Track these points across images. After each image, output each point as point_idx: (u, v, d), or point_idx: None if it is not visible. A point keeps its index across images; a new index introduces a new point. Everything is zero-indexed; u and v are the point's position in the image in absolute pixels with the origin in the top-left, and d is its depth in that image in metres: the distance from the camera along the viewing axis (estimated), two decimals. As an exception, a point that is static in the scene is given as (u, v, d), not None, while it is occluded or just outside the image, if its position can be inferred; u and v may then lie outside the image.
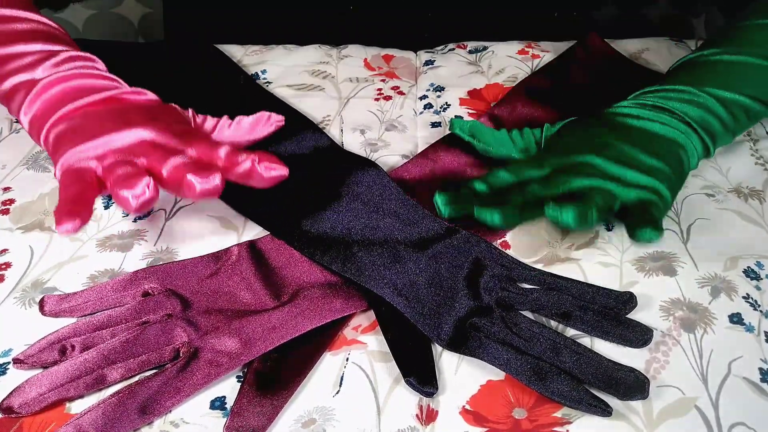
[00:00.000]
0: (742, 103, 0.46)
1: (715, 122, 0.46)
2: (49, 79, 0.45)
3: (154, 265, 0.42)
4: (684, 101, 0.46)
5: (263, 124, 0.50)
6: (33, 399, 0.34)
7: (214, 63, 0.62)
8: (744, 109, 0.46)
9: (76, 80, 0.46)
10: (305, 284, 0.41)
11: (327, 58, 0.63)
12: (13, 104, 0.46)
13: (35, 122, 0.45)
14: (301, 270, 0.42)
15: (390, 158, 0.52)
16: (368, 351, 0.38)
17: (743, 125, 0.47)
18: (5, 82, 0.46)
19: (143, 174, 0.39)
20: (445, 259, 0.42)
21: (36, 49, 0.46)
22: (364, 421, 0.34)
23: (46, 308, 0.39)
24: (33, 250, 0.44)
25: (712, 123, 0.45)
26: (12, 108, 0.47)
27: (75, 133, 0.43)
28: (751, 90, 0.46)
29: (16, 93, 0.46)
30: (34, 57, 0.46)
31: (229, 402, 0.35)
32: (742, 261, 0.42)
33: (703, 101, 0.45)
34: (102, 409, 0.34)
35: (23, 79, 0.45)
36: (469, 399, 0.35)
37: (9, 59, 0.46)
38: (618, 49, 0.63)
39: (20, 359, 0.36)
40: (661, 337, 0.37)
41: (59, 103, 0.44)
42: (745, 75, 0.46)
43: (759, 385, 0.35)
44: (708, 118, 0.45)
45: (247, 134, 0.49)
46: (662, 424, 0.33)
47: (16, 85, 0.45)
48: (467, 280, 0.40)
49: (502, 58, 0.63)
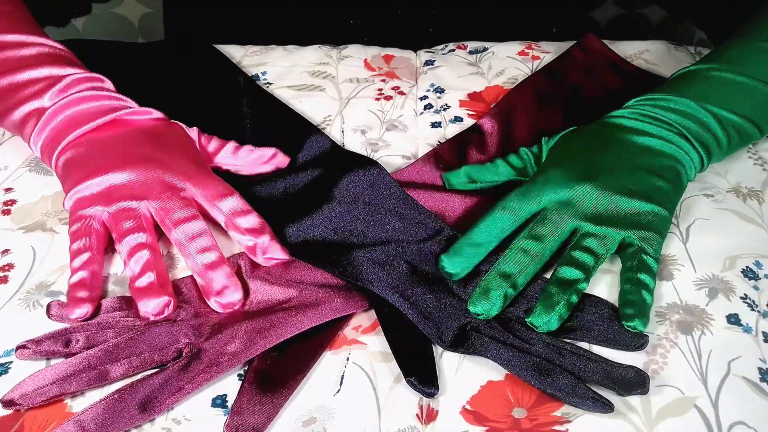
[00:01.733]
0: (737, 124, 0.46)
1: (711, 139, 0.46)
2: (55, 107, 0.46)
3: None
4: (684, 115, 0.46)
5: (266, 161, 0.49)
6: (34, 391, 0.34)
7: (214, 63, 0.62)
8: (737, 130, 0.46)
9: (82, 104, 0.47)
10: (306, 283, 0.41)
11: (327, 59, 0.63)
12: (25, 133, 0.47)
13: (45, 150, 0.46)
14: (301, 269, 0.42)
15: (391, 158, 0.52)
16: (369, 351, 0.38)
17: (734, 146, 0.47)
18: (17, 111, 0.47)
19: (151, 243, 0.41)
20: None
21: (43, 75, 0.47)
22: (364, 420, 0.34)
23: (52, 311, 0.39)
24: (35, 251, 0.44)
25: (708, 140, 0.46)
26: (24, 136, 0.48)
27: (79, 164, 0.44)
28: (747, 111, 0.46)
29: (27, 122, 0.47)
30: (42, 84, 0.47)
31: (230, 400, 0.35)
32: (740, 261, 0.42)
33: (702, 117, 0.45)
34: (103, 405, 0.34)
35: (33, 107, 0.46)
36: (469, 399, 0.35)
37: (19, 88, 0.47)
38: (618, 50, 0.63)
39: (24, 345, 0.36)
40: (658, 340, 0.38)
41: (65, 131, 0.46)
42: (743, 96, 0.46)
43: (758, 384, 0.35)
44: (705, 134, 0.45)
45: (248, 167, 0.49)
46: (661, 423, 0.33)
47: (27, 114, 0.47)
48: (468, 284, 0.41)
49: (502, 59, 0.63)
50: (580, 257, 0.40)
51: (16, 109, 0.47)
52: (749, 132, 0.47)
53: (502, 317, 0.39)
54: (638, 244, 0.41)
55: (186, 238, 0.41)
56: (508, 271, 0.40)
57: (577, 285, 0.39)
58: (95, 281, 0.40)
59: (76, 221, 0.42)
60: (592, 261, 0.40)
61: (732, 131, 0.46)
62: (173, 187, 0.44)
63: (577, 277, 0.39)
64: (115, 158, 0.44)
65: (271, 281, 0.41)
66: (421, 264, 0.42)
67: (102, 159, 0.44)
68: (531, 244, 0.41)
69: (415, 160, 0.51)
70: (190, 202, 0.43)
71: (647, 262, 0.40)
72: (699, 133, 0.45)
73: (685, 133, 0.45)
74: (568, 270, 0.40)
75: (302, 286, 0.41)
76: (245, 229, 0.42)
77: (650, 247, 0.41)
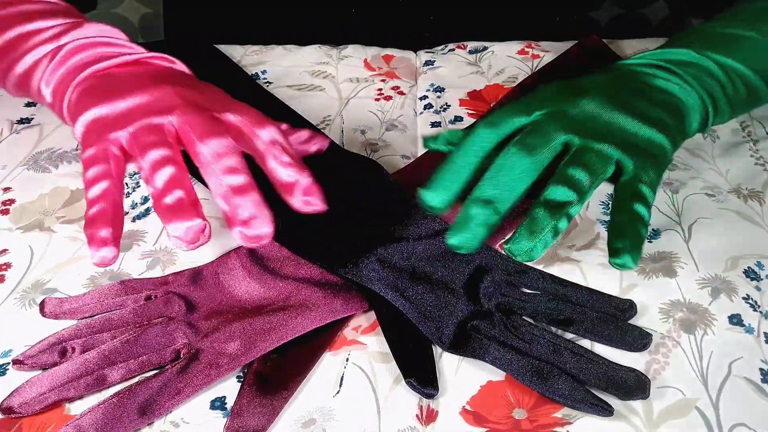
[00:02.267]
0: (743, 73, 0.43)
1: (715, 85, 0.43)
2: (74, 44, 0.42)
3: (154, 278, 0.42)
4: (684, 63, 0.43)
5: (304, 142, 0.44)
6: (33, 399, 0.34)
7: (214, 63, 0.62)
8: (744, 80, 0.44)
9: (104, 47, 0.43)
10: (305, 285, 0.41)
11: (327, 59, 0.63)
12: (33, 80, 0.42)
13: (58, 87, 0.41)
14: (301, 270, 0.42)
15: (391, 158, 0.52)
16: (368, 352, 0.38)
17: (742, 98, 0.44)
18: (25, 58, 0.42)
19: (177, 158, 0.35)
20: (446, 261, 0.42)
21: (58, 23, 0.43)
22: (364, 421, 0.34)
23: (46, 310, 0.39)
24: (33, 251, 0.43)
25: (711, 85, 0.43)
26: (32, 86, 0.43)
27: (98, 91, 0.40)
28: (754, 63, 0.44)
29: (37, 66, 0.42)
30: (57, 29, 0.43)
31: (229, 402, 0.35)
32: (742, 261, 0.42)
33: (704, 64, 0.43)
34: (102, 409, 0.34)
35: (47, 50, 0.42)
36: (469, 399, 0.35)
37: (30, 35, 0.43)
38: (618, 50, 0.63)
39: (20, 360, 0.36)
40: (661, 338, 0.37)
41: (85, 66, 0.41)
42: (748, 48, 0.44)
43: (760, 385, 0.35)
44: (708, 80, 0.43)
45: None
46: (663, 425, 0.33)
47: (38, 59, 0.42)
48: (468, 284, 0.41)
49: (502, 58, 0.63)
50: (574, 174, 0.35)
51: (24, 56, 0.42)
52: (756, 85, 0.44)
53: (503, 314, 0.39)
54: (634, 170, 0.37)
55: (212, 154, 0.35)
56: (488, 194, 0.35)
57: (569, 208, 0.35)
58: (117, 216, 0.35)
59: (90, 145, 0.37)
60: (588, 180, 0.35)
61: (737, 79, 0.43)
62: (203, 107, 0.38)
63: (569, 198, 0.35)
64: (137, 84, 0.39)
65: (269, 278, 0.41)
66: (422, 263, 0.41)
67: (122, 86, 0.40)
68: (516, 157, 0.36)
69: (414, 159, 0.51)
70: (220, 121, 0.38)
71: (643, 191, 0.36)
72: (701, 77, 0.43)
73: (687, 77, 0.42)
74: (561, 190, 0.35)
75: (300, 284, 0.40)
76: (286, 163, 0.37)
77: (647, 175, 0.37)
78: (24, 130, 0.54)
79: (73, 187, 0.49)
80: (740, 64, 0.44)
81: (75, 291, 0.41)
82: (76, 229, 0.45)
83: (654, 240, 0.44)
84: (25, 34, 0.43)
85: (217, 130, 0.37)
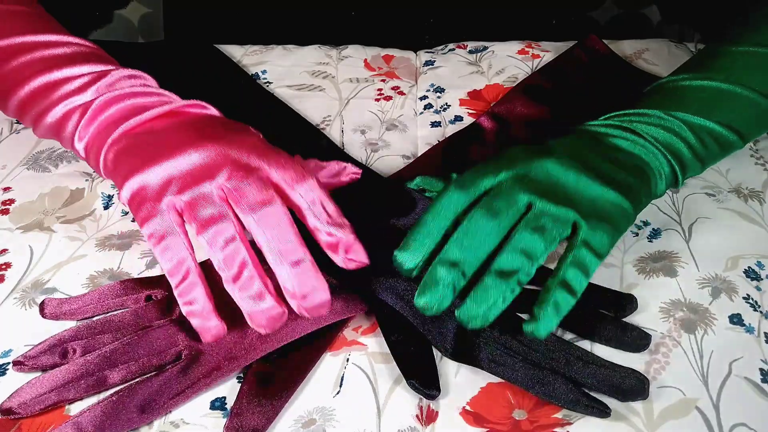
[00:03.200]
0: (711, 130, 0.43)
1: (683, 147, 0.43)
2: (104, 98, 0.42)
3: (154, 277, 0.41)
4: (651, 124, 0.43)
5: (335, 175, 0.45)
6: (32, 400, 0.34)
7: (214, 63, 0.62)
8: (713, 137, 0.43)
9: (134, 99, 0.42)
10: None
11: (327, 59, 0.63)
12: (65, 133, 0.43)
13: (92, 144, 0.42)
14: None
15: (391, 158, 0.52)
16: (368, 352, 0.38)
17: (714, 154, 0.44)
18: (54, 110, 0.42)
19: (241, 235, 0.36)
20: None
21: (84, 72, 0.43)
22: (364, 421, 0.34)
23: (46, 311, 0.39)
24: (33, 250, 0.43)
25: (679, 147, 0.43)
26: (64, 137, 0.43)
27: (135, 153, 0.39)
28: (721, 117, 0.43)
29: (68, 120, 0.42)
30: (84, 79, 0.42)
31: (229, 402, 0.35)
32: (743, 261, 0.42)
33: (670, 125, 0.43)
34: (101, 407, 0.34)
35: (76, 103, 0.42)
36: (469, 400, 0.35)
37: (56, 86, 0.42)
38: (618, 50, 0.63)
39: (20, 361, 0.36)
40: (661, 338, 0.37)
41: (117, 123, 0.41)
42: (720, 102, 0.44)
43: (760, 385, 0.35)
44: (675, 142, 0.43)
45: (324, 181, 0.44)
46: (663, 425, 0.33)
47: (68, 112, 0.42)
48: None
49: (502, 58, 0.63)
50: (527, 241, 0.36)
51: (53, 108, 0.42)
52: (730, 139, 0.44)
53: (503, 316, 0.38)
54: (583, 235, 0.37)
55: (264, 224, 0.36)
56: (455, 257, 0.35)
57: (520, 275, 0.35)
58: (209, 296, 0.36)
59: (150, 217, 0.37)
60: (542, 245, 0.36)
61: (707, 137, 0.43)
62: (250, 168, 0.38)
63: (521, 266, 0.35)
64: (178, 141, 0.39)
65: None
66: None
67: (163, 145, 0.39)
68: (482, 221, 0.37)
69: (414, 159, 0.51)
70: (267, 185, 0.38)
71: (583, 258, 0.36)
72: (668, 140, 0.43)
73: (653, 141, 0.42)
74: (513, 257, 0.36)
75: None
76: (327, 221, 0.37)
77: (597, 240, 0.37)
78: (24, 130, 0.54)
79: (73, 186, 0.49)
80: (711, 121, 0.43)
81: (75, 291, 0.41)
82: (76, 228, 0.45)
83: (654, 240, 0.44)
84: (52, 83, 0.42)
85: (266, 198, 0.37)
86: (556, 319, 0.35)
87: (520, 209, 0.38)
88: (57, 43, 0.44)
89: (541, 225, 0.37)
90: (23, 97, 0.43)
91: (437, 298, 0.35)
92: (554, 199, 0.38)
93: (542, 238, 0.36)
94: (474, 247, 0.36)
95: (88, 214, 0.47)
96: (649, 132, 0.43)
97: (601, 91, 0.58)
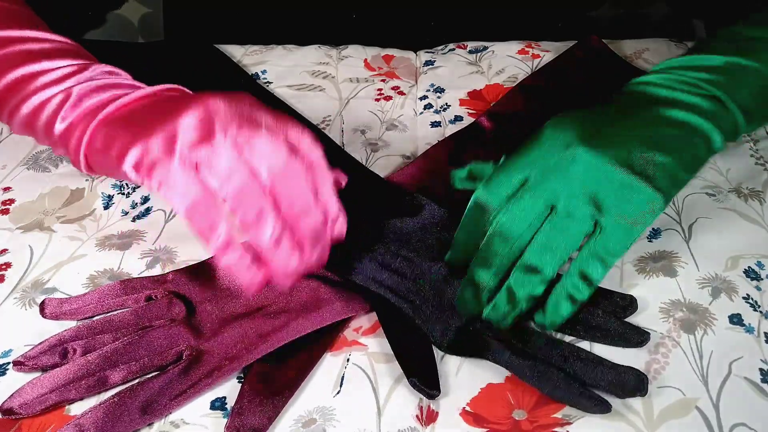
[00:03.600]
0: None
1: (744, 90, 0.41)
2: (88, 85, 0.41)
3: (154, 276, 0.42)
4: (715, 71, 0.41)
5: None
6: (33, 400, 0.34)
7: (214, 63, 0.62)
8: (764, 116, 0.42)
9: (117, 89, 0.41)
10: (307, 285, 0.41)
11: (327, 59, 0.63)
12: (41, 118, 0.41)
13: (77, 123, 0.40)
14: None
15: (391, 158, 0.52)
16: (369, 352, 0.38)
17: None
18: (31, 99, 0.41)
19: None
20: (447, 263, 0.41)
21: (62, 65, 0.42)
22: (364, 421, 0.34)
23: (46, 310, 0.39)
24: (33, 250, 0.43)
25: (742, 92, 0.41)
26: (38, 125, 0.41)
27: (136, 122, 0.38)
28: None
29: (45, 106, 0.41)
30: (64, 71, 0.42)
31: (229, 402, 0.35)
32: (743, 261, 0.42)
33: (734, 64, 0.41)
34: (103, 408, 0.34)
35: (54, 92, 0.41)
36: (469, 400, 0.35)
37: (34, 76, 0.41)
38: (618, 50, 0.63)
39: (21, 361, 0.36)
40: (661, 338, 0.37)
41: (105, 105, 0.40)
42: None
43: (760, 385, 0.35)
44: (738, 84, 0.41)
45: None
46: (663, 425, 0.33)
47: (45, 100, 0.41)
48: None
49: (502, 58, 0.63)
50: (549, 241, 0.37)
51: (29, 98, 0.41)
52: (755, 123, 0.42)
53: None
54: (600, 237, 0.37)
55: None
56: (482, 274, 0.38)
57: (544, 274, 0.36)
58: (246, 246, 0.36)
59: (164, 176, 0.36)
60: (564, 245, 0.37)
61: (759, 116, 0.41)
62: (251, 118, 0.38)
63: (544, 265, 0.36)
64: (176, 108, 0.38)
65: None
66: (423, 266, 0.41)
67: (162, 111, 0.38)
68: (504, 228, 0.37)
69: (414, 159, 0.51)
70: (277, 133, 0.38)
71: (593, 264, 0.37)
72: (730, 86, 0.40)
73: (719, 95, 0.40)
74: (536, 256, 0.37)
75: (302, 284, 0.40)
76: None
77: (614, 242, 0.37)
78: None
79: (73, 186, 0.49)
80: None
81: (75, 291, 0.41)
82: (76, 228, 0.45)
83: (654, 239, 0.44)
84: (29, 75, 0.41)
85: (277, 147, 0.37)
86: (569, 306, 0.36)
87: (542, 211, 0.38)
88: (36, 39, 0.43)
89: (562, 227, 0.37)
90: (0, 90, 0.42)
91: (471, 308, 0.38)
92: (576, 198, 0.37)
93: (564, 237, 0.37)
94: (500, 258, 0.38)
95: (88, 213, 0.47)
96: (712, 81, 0.41)
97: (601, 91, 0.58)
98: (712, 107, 0.40)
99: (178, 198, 0.36)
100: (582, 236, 0.37)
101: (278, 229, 0.36)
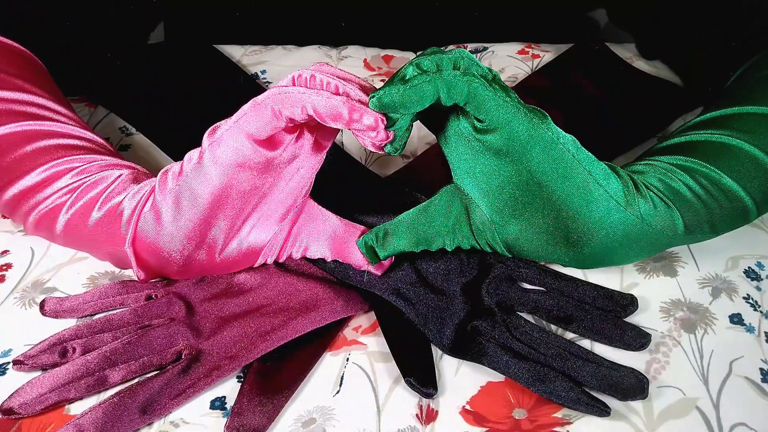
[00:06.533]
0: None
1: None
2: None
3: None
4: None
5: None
6: (33, 399, 0.34)
7: (214, 63, 0.62)
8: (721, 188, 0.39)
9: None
10: (306, 284, 0.41)
11: (327, 59, 0.63)
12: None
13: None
14: (302, 269, 0.42)
15: (391, 158, 0.52)
16: (368, 352, 0.38)
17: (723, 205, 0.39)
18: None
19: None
20: (446, 260, 0.41)
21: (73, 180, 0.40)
22: (364, 420, 0.34)
23: (46, 308, 0.39)
24: (34, 252, 0.43)
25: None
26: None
27: None
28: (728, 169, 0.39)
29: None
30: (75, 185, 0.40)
31: (229, 402, 0.35)
32: (743, 261, 0.42)
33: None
34: (103, 408, 0.34)
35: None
36: (469, 399, 0.35)
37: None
38: (617, 51, 0.63)
39: (20, 360, 0.36)
40: (661, 338, 0.37)
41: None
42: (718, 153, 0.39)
43: (760, 385, 0.35)
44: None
45: None
46: (663, 425, 0.33)
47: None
48: (469, 282, 0.40)
49: (502, 57, 0.63)
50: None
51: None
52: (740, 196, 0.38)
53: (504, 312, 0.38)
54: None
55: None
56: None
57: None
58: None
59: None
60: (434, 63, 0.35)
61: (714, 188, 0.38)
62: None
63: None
64: None
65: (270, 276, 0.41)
66: (422, 265, 0.41)
67: None
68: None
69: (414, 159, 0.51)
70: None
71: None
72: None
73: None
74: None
75: (301, 283, 0.40)
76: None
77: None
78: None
79: (73, 187, 0.49)
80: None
81: (75, 291, 0.41)
82: (76, 229, 0.45)
83: (654, 239, 0.44)
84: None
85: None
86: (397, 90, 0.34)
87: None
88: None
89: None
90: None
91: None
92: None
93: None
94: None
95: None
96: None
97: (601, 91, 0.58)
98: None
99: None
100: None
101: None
